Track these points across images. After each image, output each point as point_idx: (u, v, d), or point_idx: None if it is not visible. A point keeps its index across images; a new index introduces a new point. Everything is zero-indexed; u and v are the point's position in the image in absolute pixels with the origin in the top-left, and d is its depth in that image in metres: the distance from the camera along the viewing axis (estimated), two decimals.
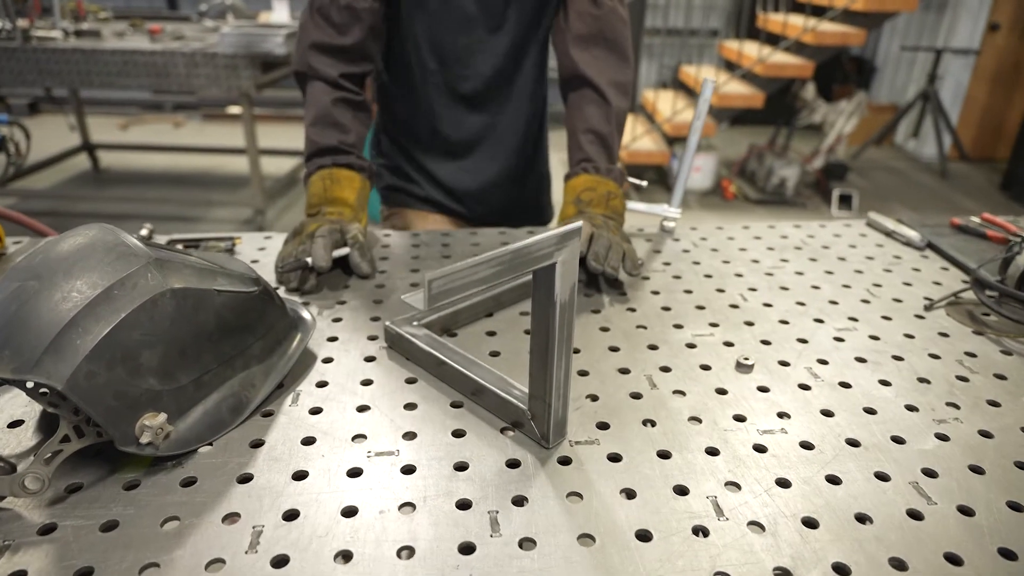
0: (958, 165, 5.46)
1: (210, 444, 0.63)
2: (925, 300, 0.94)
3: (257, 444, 0.64)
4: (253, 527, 0.54)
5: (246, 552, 0.52)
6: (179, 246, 1.03)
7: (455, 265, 0.47)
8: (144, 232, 1.07)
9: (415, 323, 0.80)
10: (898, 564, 0.52)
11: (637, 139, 4.52)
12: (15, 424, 0.66)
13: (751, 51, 4.33)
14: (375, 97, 1.26)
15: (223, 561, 0.51)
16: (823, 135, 4.67)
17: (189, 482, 0.59)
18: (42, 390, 0.56)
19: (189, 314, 0.61)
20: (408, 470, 0.61)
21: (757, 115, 4.67)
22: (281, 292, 0.92)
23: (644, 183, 1.13)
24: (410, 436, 0.65)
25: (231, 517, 0.55)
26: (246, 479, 0.59)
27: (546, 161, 1.40)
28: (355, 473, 0.60)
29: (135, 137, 5.51)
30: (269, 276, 0.97)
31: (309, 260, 0.91)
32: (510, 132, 1.27)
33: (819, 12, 4.14)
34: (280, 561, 0.51)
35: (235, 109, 5.96)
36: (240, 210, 4.04)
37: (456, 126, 1.24)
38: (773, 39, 4.41)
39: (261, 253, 1.04)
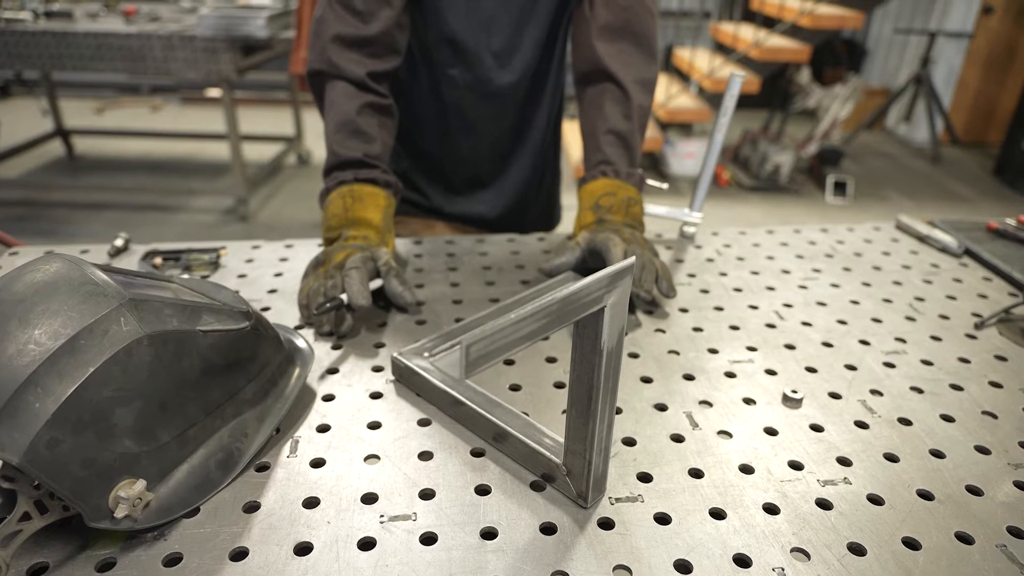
0: (950, 150, 5.42)
1: (197, 510, 0.55)
2: (974, 317, 0.87)
3: (252, 508, 0.55)
4: None
5: None
6: (158, 259, 0.93)
7: (495, 323, 0.39)
8: (119, 243, 0.97)
9: (425, 354, 0.71)
10: None
11: None
12: None
13: (746, 34, 4.23)
14: None
15: None
16: (817, 120, 4.60)
17: (173, 560, 0.50)
18: None
19: (170, 362, 0.52)
20: (428, 540, 0.53)
21: (751, 100, 4.58)
22: (307, 333, 0.83)
23: (665, 185, 1.04)
24: (428, 495, 0.57)
25: None
26: (240, 555, 0.51)
27: (559, 157, 1.30)
28: (367, 545, 0.52)
29: (111, 122, 5.32)
30: (259, 292, 0.88)
31: (344, 297, 0.77)
32: (536, 132, 1.18)
33: None
34: None
35: (215, 92, 5.78)
36: (221, 199, 3.90)
37: (479, 130, 1.14)
38: (769, 22, 4.32)
39: (249, 266, 0.95)
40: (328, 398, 0.69)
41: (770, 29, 4.09)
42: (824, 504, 0.57)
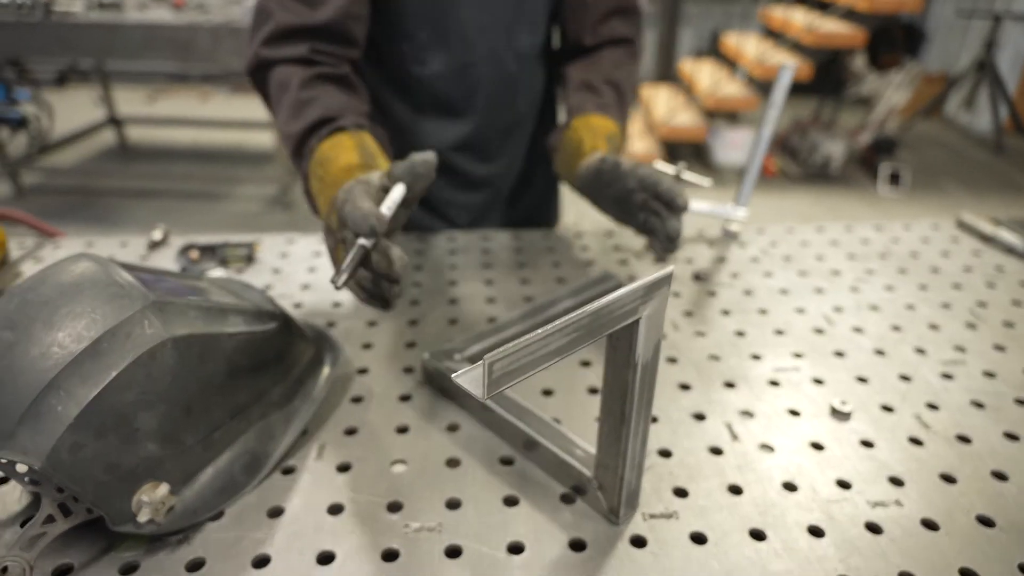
0: (1015, 139, 5.16)
1: (221, 514, 0.54)
2: None
3: (276, 513, 0.54)
4: None
5: None
6: (195, 253, 0.93)
7: (522, 339, 0.36)
8: (158, 235, 0.98)
9: (456, 356, 0.70)
10: None
11: (675, 113, 4.33)
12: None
13: (798, 18, 4.09)
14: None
15: None
16: (871, 108, 4.43)
17: (196, 564, 0.50)
18: (19, 467, 0.47)
19: (195, 365, 0.52)
20: (453, 552, 0.51)
21: (802, 87, 4.43)
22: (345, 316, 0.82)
23: (707, 182, 1.00)
24: (454, 504, 0.55)
25: None
26: (263, 562, 0.50)
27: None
28: (391, 556, 0.51)
29: (162, 110, 5.45)
30: (292, 287, 0.87)
31: (363, 242, 0.57)
32: (527, 120, 1.11)
33: None
34: None
35: None
36: (265, 187, 3.96)
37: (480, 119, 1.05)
38: (822, 5, 4.16)
39: (283, 261, 0.95)
40: (356, 400, 0.68)
41: (824, 12, 3.94)
42: (874, 528, 0.53)
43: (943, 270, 0.95)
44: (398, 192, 0.62)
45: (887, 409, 0.67)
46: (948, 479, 0.59)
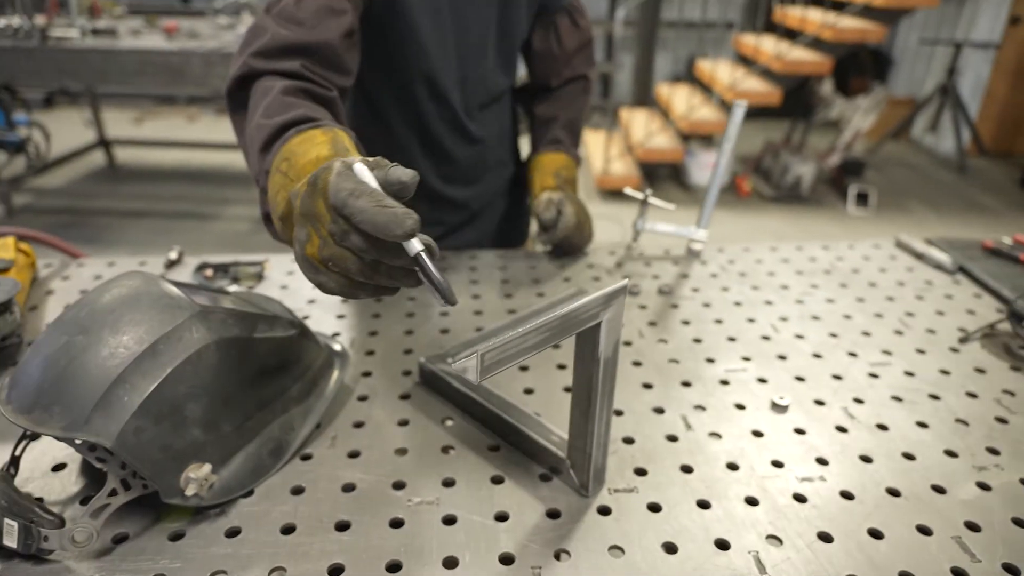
0: (977, 160, 5.39)
1: (251, 491, 0.64)
2: (959, 331, 0.93)
3: (298, 491, 0.64)
4: None
5: None
6: (209, 271, 1.03)
7: (506, 336, 0.47)
8: (173, 255, 1.07)
9: (449, 360, 0.80)
10: None
11: (652, 136, 4.49)
12: (58, 468, 0.66)
13: (768, 46, 4.28)
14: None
15: None
16: (840, 131, 4.62)
17: (233, 532, 0.59)
18: (91, 446, 0.57)
19: (232, 364, 0.62)
20: (449, 520, 0.61)
21: (773, 110, 4.62)
22: (313, 326, 0.92)
23: (672, 206, 1.12)
24: (449, 483, 0.65)
25: (277, 571, 0.56)
26: (289, 529, 0.60)
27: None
28: (397, 524, 0.61)
29: (149, 131, 5.52)
30: (299, 303, 0.97)
31: (420, 247, 0.50)
32: (500, 149, 1.27)
33: (838, 7, 4.08)
34: None
35: None
36: (253, 207, 4.05)
37: (455, 156, 1.17)
38: (791, 34, 4.36)
39: (290, 278, 1.05)
40: (362, 398, 0.78)
41: (792, 41, 4.13)
42: (800, 498, 0.64)
43: (879, 284, 1.07)
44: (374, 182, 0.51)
45: (819, 403, 0.78)
46: (866, 459, 0.70)
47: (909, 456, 0.70)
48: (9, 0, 3.71)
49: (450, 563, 0.57)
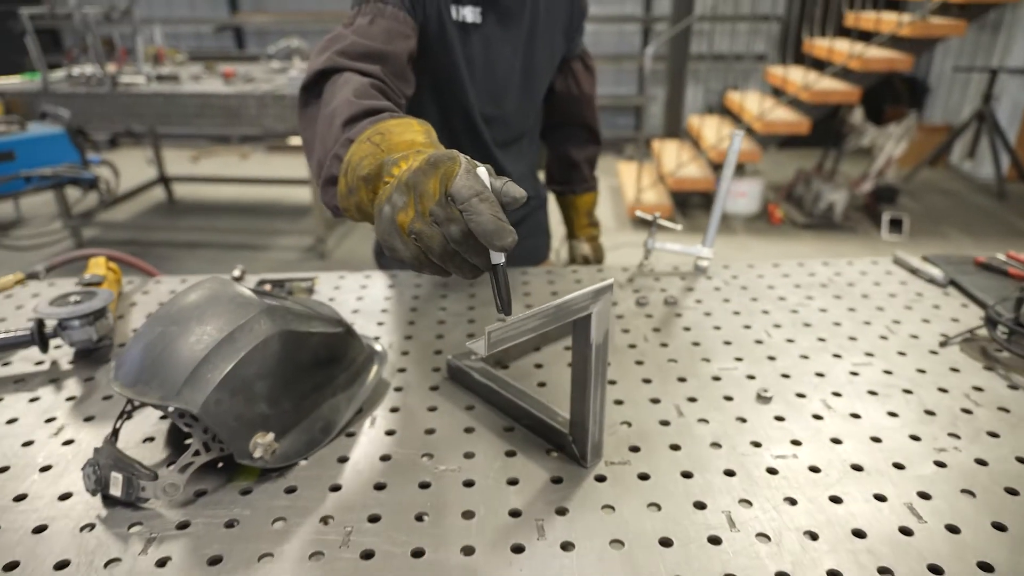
0: (1017, 186, 5.33)
1: (306, 459, 0.76)
2: (941, 336, 1.02)
3: (343, 459, 0.77)
4: (344, 528, 0.67)
5: (339, 546, 0.64)
6: (267, 285, 1.18)
7: (511, 318, 0.59)
8: (237, 273, 1.23)
9: (473, 357, 0.92)
10: (885, 572, 0.61)
11: (683, 166, 4.59)
12: (148, 440, 0.80)
13: (796, 77, 4.37)
14: None
15: (322, 554, 0.64)
16: (872, 158, 4.66)
17: (291, 489, 0.72)
18: (181, 413, 0.70)
19: (292, 352, 0.75)
20: (468, 483, 0.73)
21: (805, 138, 4.70)
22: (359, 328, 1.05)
23: (679, 227, 1.23)
24: (469, 455, 0.77)
25: (327, 518, 0.68)
26: (336, 488, 0.72)
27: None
28: (425, 486, 0.72)
29: (205, 169, 5.87)
30: (344, 312, 1.11)
31: (500, 261, 0.58)
32: (525, 183, 1.42)
33: (865, 37, 4.16)
34: (367, 554, 0.63)
35: (296, 140, 6.28)
36: (302, 238, 4.28)
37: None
38: (819, 64, 4.44)
39: (336, 292, 1.19)
40: (398, 389, 0.90)
41: (820, 72, 4.21)
42: (772, 471, 0.74)
43: (872, 296, 1.16)
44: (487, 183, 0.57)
45: (800, 396, 0.88)
46: (836, 441, 0.79)
47: (876, 439, 0.79)
48: (83, 50, 4.06)
49: (467, 515, 0.68)
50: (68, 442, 0.80)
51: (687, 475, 0.74)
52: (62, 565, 0.62)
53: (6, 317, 1.11)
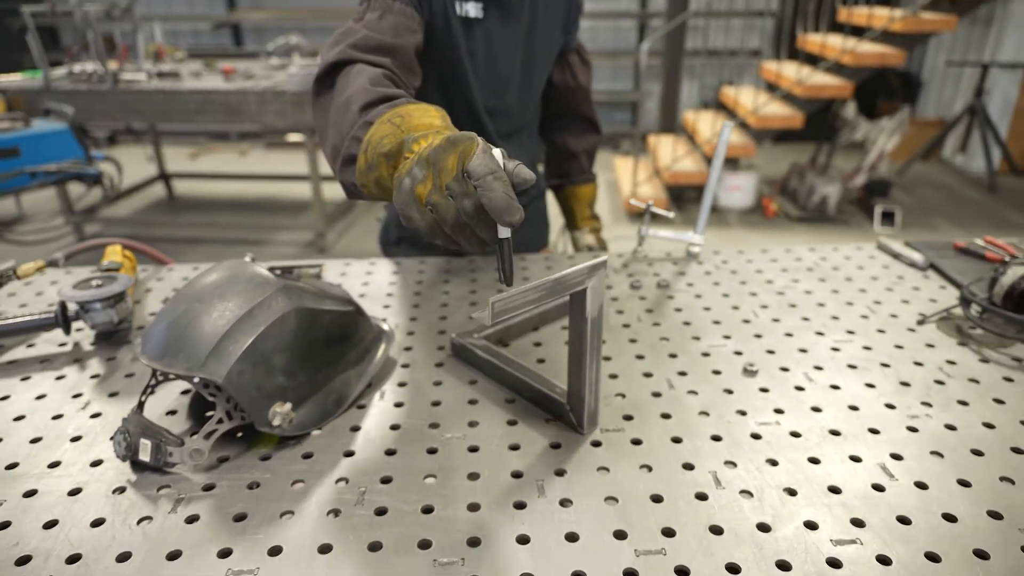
0: (1008, 179, 5.40)
1: (320, 428, 0.82)
2: (919, 315, 1.07)
3: (356, 429, 0.82)
4: (359, 488, 0.72)
5: (355, 504, 0.70)
6: (277, 272, 1.23)
7: (511, 290, 0.64)
8: (247, 259, 1.27)
9: (475, 335, 0.97)
10: (857, 522, 0.66)
11: (678, 160, 4.65)
12: (171, 413, 0.85)
13: (789, 72, 4.42)
14: None
15: (339, 511, 0.69)
16: (865, 152, 4.71)
17: (308, 455, 0.77)
18: (205, 383, 0.75)
19: (307, 328, 0.80)
20: (473, 449, 0.78)
21: (798, 132, 4.75)
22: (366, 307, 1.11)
23: (671, 214, 1.28)
24: (474, 424, 0.82)
25: (342, 480, 0.73)
26: (350, 454, 0.77)
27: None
28: (433, 451, 0.78)
29: (204, 165, 5.90)
30: (353, 294, 1.16)
31: (507, 235, 0.64)
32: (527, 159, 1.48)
33: (858, 32, 4.21)
34: (381, 511, 0.69)
35: (295, 137, 6.32)
36: (302, 233, 4.32)
37: None
38: (812, 59, 4.49)
39: (342, 279, 1.24)
40: (405, 366, 0.95)
41: (813, 67, 4.26)
42: (756, 436, 0.79)
43: (855, 279, 1.21)
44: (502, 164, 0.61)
45: (784, 369, 0.93)
46: (816, 410, 0.84)
47: (854, 407, 0.85)
48: (84, 47, 4.10)
49: (473, 476, 0.73)
50: (96, 415, 0.85)
51: (677, 440, 0.79)
52: (98, 523, 0.68)
53: (27, 302, 1.16)
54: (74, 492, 0.72)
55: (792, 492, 0.70)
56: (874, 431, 0.80)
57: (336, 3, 6.58)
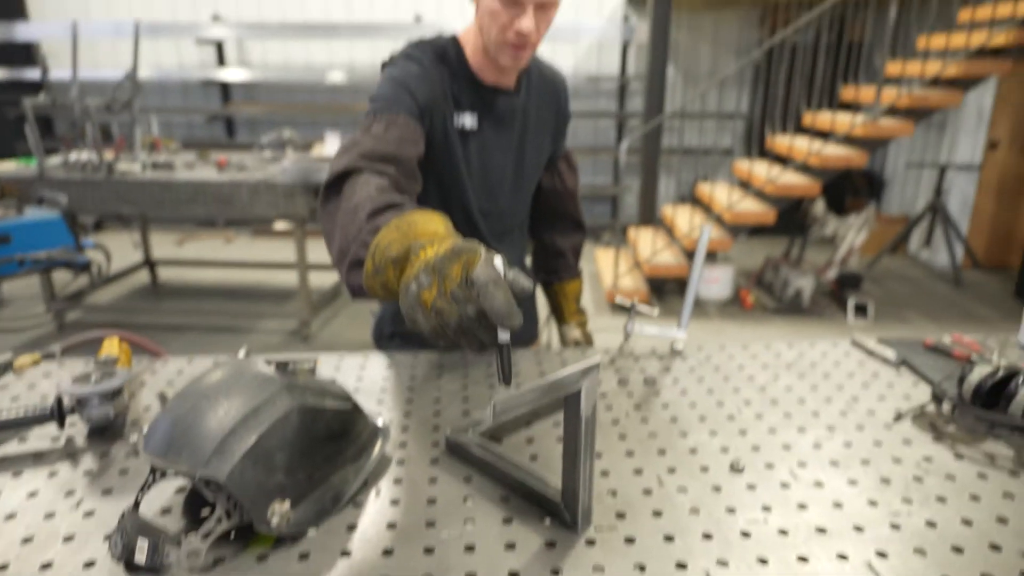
0: (972, 273, 5.62)
1: (317, 527, 0.82)
2: (895, 412, 1.12)
3: (352, 527, 0.83)
4: None
5: None
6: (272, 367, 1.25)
7: (511, 392, 0.68)
8: (241, 354, 1.30)
9: (469, 432, 1.00)
10: None
11: (657, 253, 4.79)
12: (166, 512, 0.86)
13: (760, 171, 4.65)
14: None
15: None
16: (835, 247, 4.90)
17: (304, 555, 0.78)
18: (207, 481, 0.77)
19: (308, 426, 0.82)
20: (470, 548, 0.79)
21: (772, 229, 4.94)
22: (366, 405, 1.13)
23: (655, 311, 1.34)
24: (470, 522, 0.84)
25: None
26: (347, 554, 0.78)
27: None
28: (429, 550, 0.78)
29: (190, 252, 5.95)
30: (348, 390, 1.18)
31: (507, 339, 0.70)
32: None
33: (823, 135, 4.48)
34: None
35: (281, 225, 6.43)
36: (286, 321, 4.33)
37: None
38: (782, 159, 4.74)
39: (337, 373, 1.26)
40: (400, 462, 0.97)
41: (782, 167, 4.50)
42: (745, 534, 0.81)
43: (832, 375, 1.26)
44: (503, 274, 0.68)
45: (769, 466, 0.96)
46: (801, 506, 0.87)
47: (838, 504, 0.87)
48: (80, 136, 4.20)
49: None
50: (89, 513, 0.85)
51: (669, 538, 0.81)
52: None
53: (19, 395, 1.16)
54: None
55: None
56: (859, 528, 0.83)
57: (323, 99, 6.87)
